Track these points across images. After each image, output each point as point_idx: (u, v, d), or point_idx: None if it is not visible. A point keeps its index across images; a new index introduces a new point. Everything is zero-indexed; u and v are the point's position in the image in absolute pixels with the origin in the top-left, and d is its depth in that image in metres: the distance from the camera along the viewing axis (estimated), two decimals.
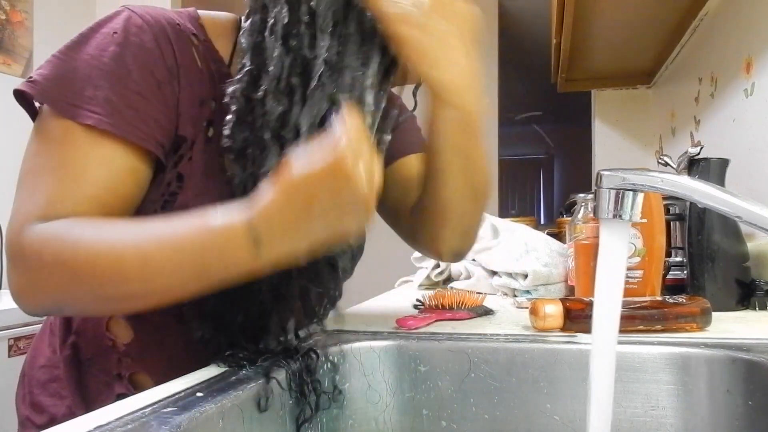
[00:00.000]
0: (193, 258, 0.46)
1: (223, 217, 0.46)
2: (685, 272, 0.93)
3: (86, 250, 0.47)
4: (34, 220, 0.49)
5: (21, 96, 0.52)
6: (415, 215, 0.74)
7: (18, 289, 0.50)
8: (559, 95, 2.31)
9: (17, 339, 1.52)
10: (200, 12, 0.63)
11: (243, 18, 0.58)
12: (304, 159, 0.44)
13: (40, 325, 0.70)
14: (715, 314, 0.84)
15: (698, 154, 0.94)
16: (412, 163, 0.79)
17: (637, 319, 0.66)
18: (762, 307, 0.86)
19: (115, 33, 0.54)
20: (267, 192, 0.45)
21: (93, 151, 0.52)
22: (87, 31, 0.55)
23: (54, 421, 0.54)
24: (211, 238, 0.46)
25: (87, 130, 0.51)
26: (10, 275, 0.50)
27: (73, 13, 2.43)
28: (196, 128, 0.58)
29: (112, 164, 0.53)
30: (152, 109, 0.54)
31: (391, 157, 0.78)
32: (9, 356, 1.49)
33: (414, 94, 0.65)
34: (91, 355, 0.63)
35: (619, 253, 0.45)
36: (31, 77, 0.52)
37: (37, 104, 0.54)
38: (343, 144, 0.43)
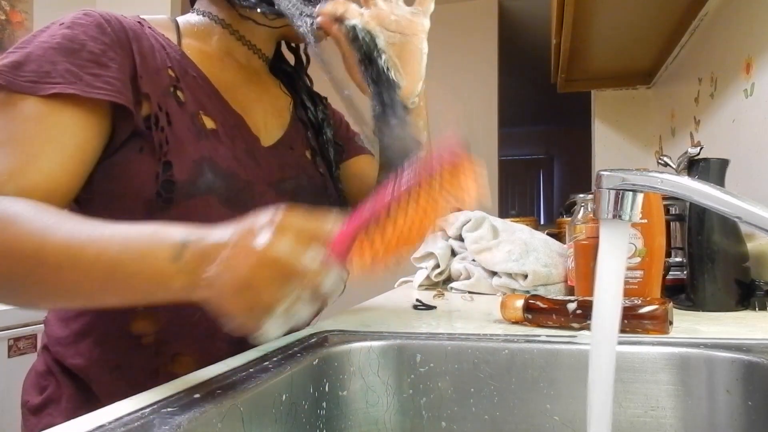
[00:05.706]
0: (114, 253, 0.45)
1: (163, 227, 0.45)
2: (685, 272, 0.93)
3: (16, 227, 0.47)
4: None
5: None
6: None
7: None
8: (559, 95, 2.31)
9: (17, 339, 1.52)
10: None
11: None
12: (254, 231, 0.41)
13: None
14: (715, 314, 0.85)
15: (698, 154, 0.94)
16: (363, 162, 0.87)
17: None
18: (762, 308, 0.86)
19: (62, 23, 0.58)
20: (218, 232, 0.43)
21: (54, 120, 0.54)
22: (37, 31, 0.59)
23: None
24: (139, 238, 0.45)
25: (48, 101, 0.54)
26: None
27: None
28: (158, 92, 0.61)
29: (75, 131, 0.55)
30: (111, 71, 0.58)
31: (341, 156, 0.86)
32: (9, 356, 1.49)
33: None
34: (116, 363, 0.63)
35: (619, 254, 0.45)
36: None
37: None
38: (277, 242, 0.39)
